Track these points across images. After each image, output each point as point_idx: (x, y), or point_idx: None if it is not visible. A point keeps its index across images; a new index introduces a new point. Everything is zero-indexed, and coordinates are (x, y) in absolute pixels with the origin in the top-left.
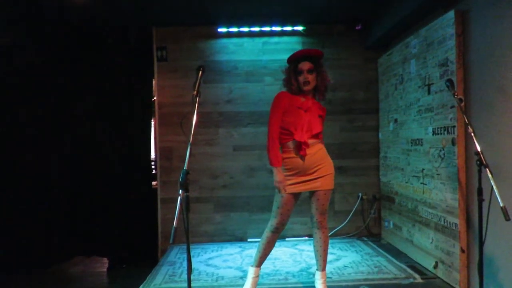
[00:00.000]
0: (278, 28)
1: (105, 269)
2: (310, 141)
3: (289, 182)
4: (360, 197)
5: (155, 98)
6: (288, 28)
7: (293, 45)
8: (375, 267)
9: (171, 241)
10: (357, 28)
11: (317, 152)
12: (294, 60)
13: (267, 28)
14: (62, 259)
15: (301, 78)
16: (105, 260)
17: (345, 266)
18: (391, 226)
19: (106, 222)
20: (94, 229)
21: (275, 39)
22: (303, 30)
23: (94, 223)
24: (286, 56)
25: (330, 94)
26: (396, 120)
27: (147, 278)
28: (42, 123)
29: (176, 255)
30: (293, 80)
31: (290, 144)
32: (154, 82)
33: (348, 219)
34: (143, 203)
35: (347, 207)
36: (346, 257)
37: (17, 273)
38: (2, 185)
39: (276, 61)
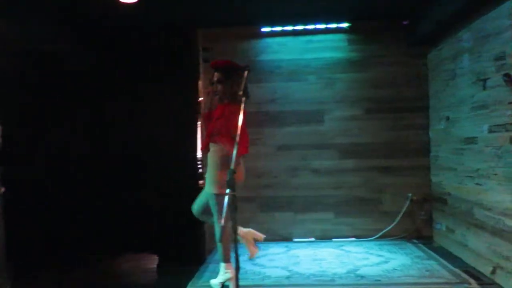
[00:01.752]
0: (322, 26)
1: (155, 266)
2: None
3: None
4: (409, 198)
5: (201, 98)
6: (333, 26)
7: (338, 42)
8: (426, 270)
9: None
10: (403, 23)
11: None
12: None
13: (311, 26)
14: (114, 255)
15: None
16: (155, 257)
17: (394, 269)
18: (443, 228)
19: (155, 220)
20: (145, 226)
21: (319, 37)
22: (347, 27)
23: (144, 221)
24: (330, 54)
25: (375, 92)
26: (447, 118)
27: (195, 275)
28: (90, 124)
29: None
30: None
31: None
32: (199, 83)
33: (396, 220)
34: (190, 202)
35: (395, 208)
36: (395, 260)
37: (70, 267)
38: (55, 181)
39: (320, 59)
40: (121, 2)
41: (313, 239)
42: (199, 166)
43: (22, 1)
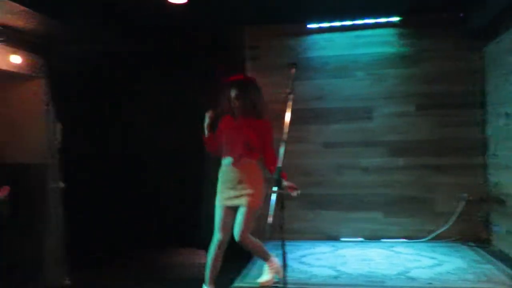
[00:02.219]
0: (371, 21)
1: (203, 261)
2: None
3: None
4: (464, 198)
5: None
6: (382, 20)
7: (387, 37)
8: (484, 275)
9: (266, 237)
10: (460, 15)
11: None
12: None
13: (359, 21)
14: (163, 249)
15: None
16: (203, 252)
17: (448, 273)
18: (503, 231)
19: (202, 215)
20: (193, 221)
21: (368, 32)
22: (398, 21)
23: (192, 216)
24: (380, 49)
25: (426, 88)
26: (507, 114)
27: (242, 272)
28: (139, 122)
29: (270, 251)
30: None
31: None
32: None
33: (450, 222)
34: None
35: (449, 209)
36: (449, 263)
37: (123, 260)
38: (111, 177)
39: (369, 54)
40: (170, 2)
41: (361, 239)
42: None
43: (75, 4)
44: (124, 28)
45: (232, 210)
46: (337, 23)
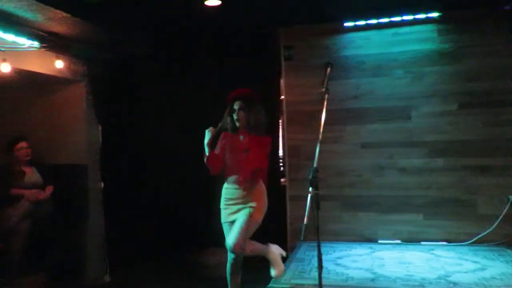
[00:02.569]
0: (409, 17)
1: None
2: None
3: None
4: (508, 200)
5: (283, 97)
6: (421, 16)
7: (427, 33)
8: None
9: (301, 238)
10: (504, 8)
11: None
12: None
13: (397, 18)
14: (201, 249)
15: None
16: None
17: (493, 278)
18: None
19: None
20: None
21: (406, 29)
22: (438, 16)
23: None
24: (418, 47)
25: (469, 85)
26: None
27: None
28: (176, 123)
29: (304, 252)
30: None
31: None
32: (281, 81)
33: (495, 224)
34: (272, 200)
35: (493, 211)
36: (493, 267)
37: (161, 259)
38: (148, 177)
39: (407, 52)
40: (205, 6)
41: (399, 241)
42: (281, 164)
43: (114, 10)
44: (161, 32)
45: None
46: (373, 21)
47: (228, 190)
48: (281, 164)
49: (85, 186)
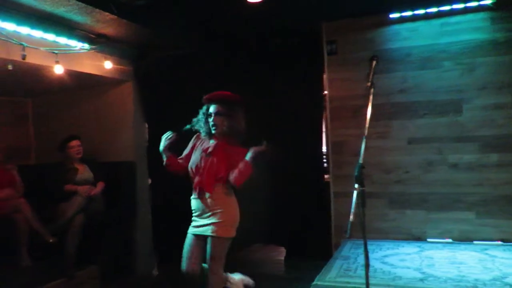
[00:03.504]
0: (460, 6)
1: (282, 258)
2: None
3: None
4: None
5: (326, 92)
6: (473, 4)
7: (479, 22)
8: None
9: (347, 235)
10: None
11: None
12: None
13: (446, 7)
14: (243, 246)
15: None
16: (282, 249)
17: None
18: None
19: (282, 213)
20: (272, 219)
21: (456, 18)
22: (492, 3)
23: (271, 214)
24: (470, 37)
25: None
26: None
27: (322, 270)
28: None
29: (350, 250)
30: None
31: None
32: (324, 76)
33: None
34: (316, 196)
35: None
36: None
37: None
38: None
39: (458, 43)
40: (247, 2)
41: (449, 240)
42: (324, 161)
43: (160, 11)
44: (206, 31)
45: (200, 240)
46: (421, 11)
47: (191, 199)
48: (324, 160)
49: (133, 183)
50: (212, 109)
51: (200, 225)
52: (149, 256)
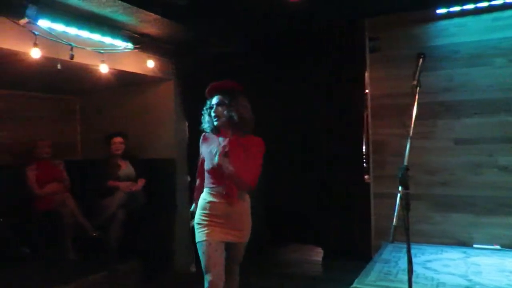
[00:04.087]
0: None
1: (320, 259)
2: None
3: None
4: None
5: (367, 90)
6: None
7: None
8: None
9: (390, 239)
10: None
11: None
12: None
13: (498, 1)
14: (280, 245)
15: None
16: (320, 250)
17: None
18: None
19: (320, 213)
20: (310, 219)
21: (510, 12)
22: None
23: (309, 213)
24: None
25: None
26: None
27: (361, 273)
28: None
29: (390, 253)
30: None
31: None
32: (366, 74)
33: None
34: (355, 197)
35: None
36: None
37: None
38: None
39: (510, 38)
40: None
41: (498, 246)
42: (364, 160)
43: (201, 10)
44: (248, 30)
45: (223, 246)
46: (470, 6)
47: (210, 202)
48: (364, 160)
49: (173, 179)
50: (213, 101)
51: (229, 231)
52: (188, 252)
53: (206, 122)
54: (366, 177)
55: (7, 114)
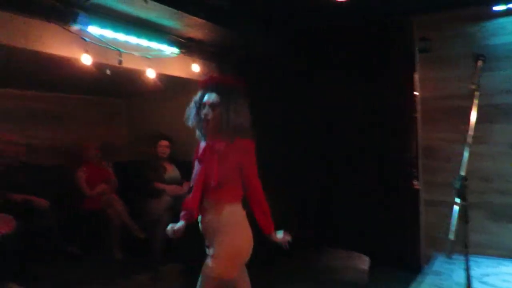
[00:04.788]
0: None
1: (366, 267)
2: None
3: None
4: None
5: (416, 92)
6: None
7: None
8: None
9: (447, 255)
10: None
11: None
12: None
13: None
14: (324, 250)
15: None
16: (366, 258)
17: None
18: None
19: (367, 219)
20: (357, 225)
21: None
22: None
23: (356, 220)
24: None
25: None
26: None
27: (412, 285)
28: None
29: (442, 265)
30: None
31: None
32: (415, 75)
33: None
34: (404, 204)
35: None
36: None
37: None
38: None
39: None
40: (333, 1)
41: None
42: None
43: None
44: (290, 31)
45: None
46: None
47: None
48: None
49: None
50: (206, 98)
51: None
52: None
53: (192, 118)
54: (415, 183)
55: (55, 117)
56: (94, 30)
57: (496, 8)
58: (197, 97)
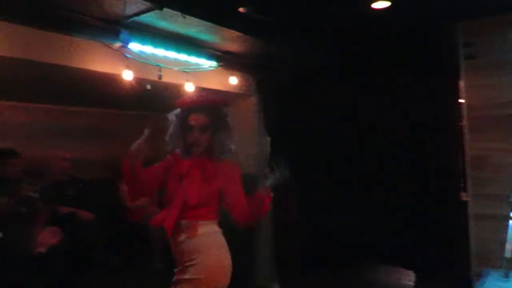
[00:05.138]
0: None
1: (411, 283)
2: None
3: None
4: None
5: (462, 100)
6: None
7: None
8: None
9: (503, 275)
10: None
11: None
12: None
13: None
14: (365, 266)
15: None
16: (411, 273)
17: None
18: None
19: (412, 233)
20: (400, 239)
21: None
22: None
23: (401, 235)
24: None
25: None
26: None
27: None
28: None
29: (495, 283)
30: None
31: None
32: (460, 82)
33: None
34: (452, 217)
35: None
36: None
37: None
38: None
39: None
40: (372, 8)
41: None
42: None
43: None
44: (329, 42)
45: None
46: None
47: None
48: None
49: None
50: (191, 121)
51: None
52: (269, 270)
53: (174, 143)
54: (463, 195)
55: (99, 131)
56: (135, 46)
57: None
58: (177, 117)
